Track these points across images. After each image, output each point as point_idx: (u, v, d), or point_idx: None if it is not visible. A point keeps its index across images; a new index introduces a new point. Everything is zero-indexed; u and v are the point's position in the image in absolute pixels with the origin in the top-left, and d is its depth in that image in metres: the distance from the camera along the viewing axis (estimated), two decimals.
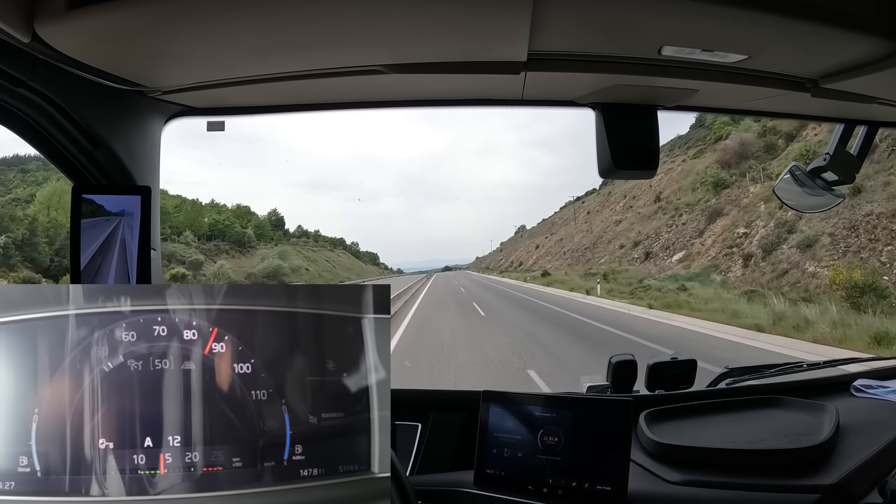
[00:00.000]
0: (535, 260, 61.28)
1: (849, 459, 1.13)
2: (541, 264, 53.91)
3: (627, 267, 30.50)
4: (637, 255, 32.18)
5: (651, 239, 31.99)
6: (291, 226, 75.66)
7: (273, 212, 69.37)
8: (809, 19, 0.89)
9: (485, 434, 1.18)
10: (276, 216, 69.47)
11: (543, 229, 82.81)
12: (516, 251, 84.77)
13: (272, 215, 68.60)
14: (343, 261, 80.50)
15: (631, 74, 1.12)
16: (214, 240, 49.84)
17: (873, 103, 1.26)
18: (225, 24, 0.88)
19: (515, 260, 76.21)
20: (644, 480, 1.15)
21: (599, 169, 1.26)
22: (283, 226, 69.76)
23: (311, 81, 1.14)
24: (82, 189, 1.14)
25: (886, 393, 1.49)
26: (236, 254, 49.74)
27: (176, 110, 1.31)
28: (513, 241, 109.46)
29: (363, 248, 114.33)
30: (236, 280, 36.24)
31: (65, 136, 1.14)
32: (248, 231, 54.76)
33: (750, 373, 1.68)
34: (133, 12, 0.82)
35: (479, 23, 0.91)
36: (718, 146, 32.80)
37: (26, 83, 1.00)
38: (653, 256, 29.98)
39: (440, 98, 1.34)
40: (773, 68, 1.12)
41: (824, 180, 1.57)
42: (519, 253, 79.56)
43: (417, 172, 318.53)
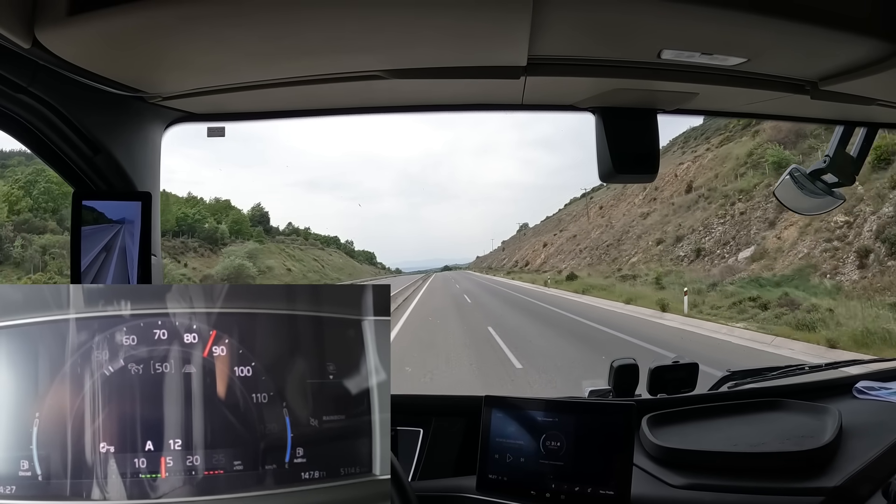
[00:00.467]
0: (545, 259, 55.96)
1: (852, 462, 1.13)
2: (552, 263, 48.90)
3: (673, 267, 23.96)
4: (683, 253, 25.77)
5: (699, 233, 26.36)
6: (282, 223, 72.61)
7: (257, 206, 64.91)
8: (808, 22, 0.89)
9: (487, 439, 1.18)
10: (260, 211, 64.56)
11: (549, 226, 77.79)
12: (521, 249, 79.42)
13: (256, 210, 63.83)
14: (334, 260, 75.26)
15: (630, 78, 1.12)
16: (182, 236, 43.90)
17: (872, 105, 1.26)
18: (225, 30, 0.88)
19: (521, 259, 70.54)
20: (647, 484, 1.15)
21: (600, 173, 1.27)
22: (266, 222, 64.66)
23: (311, 87, 1.14)
24: (83, 195, 1.14)
25: (889, 394, 1.48)
26: (207, 252, 44.09)
27: (176, 116, 1.31)
28: (515, 240, 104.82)
29: (360, 248, 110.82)
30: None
31: (65, 142, 1.14)
32: (221, 227, 48.15)
33: (752, 375, 1.67)
34: (133, 18, 0.82)
35: (478, 28, 0.91)
36: (764, 126, 27.59)
37: (27, 89, 1.01)
38: (707, 254, 24.19)
39: (440, 103, 1.34)
40: (773, 71, 1.12)
41: (824, 182, 1.57)
42: (524, 251, 74.02)
43: (417, 172, 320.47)
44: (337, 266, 71.23)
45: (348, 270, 74.54)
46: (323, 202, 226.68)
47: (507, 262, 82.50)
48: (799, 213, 1.77)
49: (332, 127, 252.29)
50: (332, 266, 69.03)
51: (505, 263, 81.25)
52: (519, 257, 73.91)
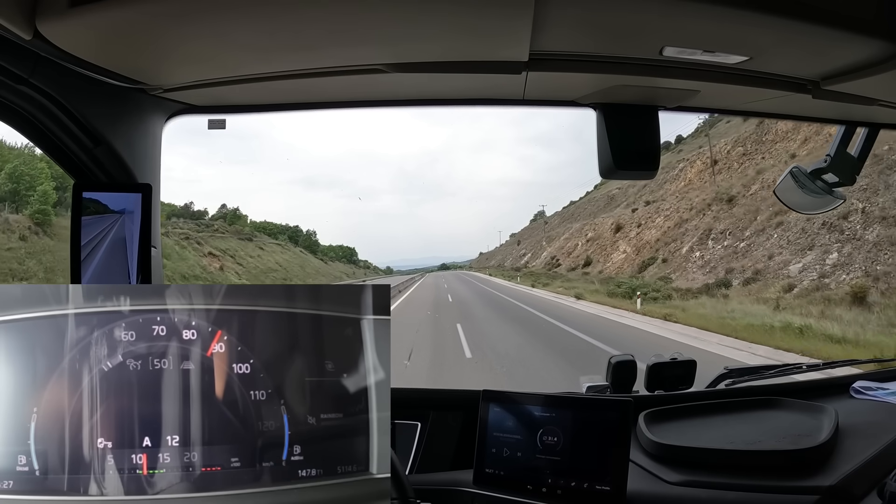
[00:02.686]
0: (590, 253, 38.48)
1: (848, 461, 1.13)
2: (616, 265, 32.65)
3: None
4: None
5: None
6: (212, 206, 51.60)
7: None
8: (811, 21, 0.89)
9: (484, 433, 1.18)
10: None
11: (582, 212, 59.18)
12: (552, 243, 56.06)
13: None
14: (273, 257, 49.64)
15: (632, 75, 1.11)
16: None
17: (874, 105, 1.26)
18: (227, 22, 0.88)
19: (554, 255, 49.57)
20: (643, 481, 1.15)
21: (600, 169, 1.26)
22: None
23: (312, 80, 1.14)
24: (83, 186, 1.14)
25: (886, 395, 1.49)
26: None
27: (177, 108, 1.31)
28: (529, 231, 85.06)
29: (343, 244, 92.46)
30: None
31: (66, 134, 1.14)
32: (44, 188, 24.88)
33: (749, 374, 1.68)
34: (135, 10, 0.82)
35: (480, 23, 0.91)
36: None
37: (28, 80, 1.00)
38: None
39: (441, 97, 1.34)
40: (775, 70, 1.12)
41: (825, 182, 1.57)
42: (556, 246, 52.05)
43: (415, 169, 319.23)
44: (268, 268, 46.31)
45: (294, 272, 50.44)
46: (321, 199, 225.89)
47: (528, 258, 62.17)
48: (799, 212, 1.77)
49: (328, 124, 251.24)
50: (262, 268, 44.91)
51: (527, 261, 60.86)
52: (553, 252, 51.59)
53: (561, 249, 50.08)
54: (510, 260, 72.29)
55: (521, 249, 75.14)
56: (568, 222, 60.64)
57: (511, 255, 77.02)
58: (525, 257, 65.15)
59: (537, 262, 53.38)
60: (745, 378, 1.66)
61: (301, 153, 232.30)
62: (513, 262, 65.84)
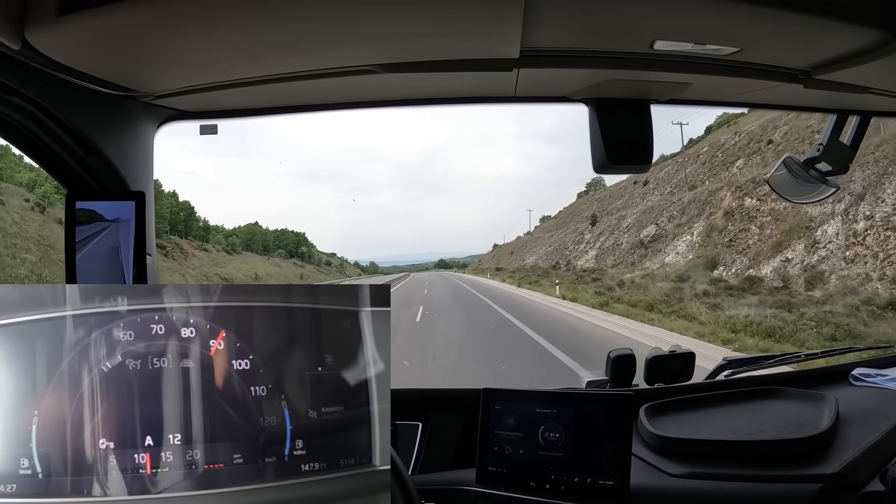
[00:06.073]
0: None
1: (849, 448, 1.14)
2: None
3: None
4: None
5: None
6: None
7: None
8: (801, 10, 0.89)
9: (486, 432, 1.18)
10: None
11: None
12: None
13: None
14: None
15: (623, 69, 1.12)
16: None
17: (866, 93, 1.26)
18: (216, 27, 0.88)
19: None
20: (646, 474, 1.15)
21: (594, 164, 1.26)
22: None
23: (304, 83, 1.13)
24: (76, 196, 1.14)
25: (885, 381, 1.49)
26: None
27: (168, 114, 1.31)
28: (574, 209, 56.04)
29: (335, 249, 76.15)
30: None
31: (57, 144, 1.13)
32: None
33: (748, 364, 1.68)
34: (124, 17, 0.81)
35: (471, 21, 0.91)
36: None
37: (18, 91, 1.00)
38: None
39: (433, 96, 1.34)
40: (766, 60, 1.12)
41: (818, 171, 1.57)
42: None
43: (415, 165, 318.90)
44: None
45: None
46: (320, 195, 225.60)
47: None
48: (792, 202, 1.78)
49: (328, 119, 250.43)
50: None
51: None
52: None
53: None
54: (576, 253, 39.62)
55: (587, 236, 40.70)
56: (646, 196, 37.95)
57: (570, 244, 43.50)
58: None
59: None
60: (744, 368, 1.67)
61: (299, 148, 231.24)
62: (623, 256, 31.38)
